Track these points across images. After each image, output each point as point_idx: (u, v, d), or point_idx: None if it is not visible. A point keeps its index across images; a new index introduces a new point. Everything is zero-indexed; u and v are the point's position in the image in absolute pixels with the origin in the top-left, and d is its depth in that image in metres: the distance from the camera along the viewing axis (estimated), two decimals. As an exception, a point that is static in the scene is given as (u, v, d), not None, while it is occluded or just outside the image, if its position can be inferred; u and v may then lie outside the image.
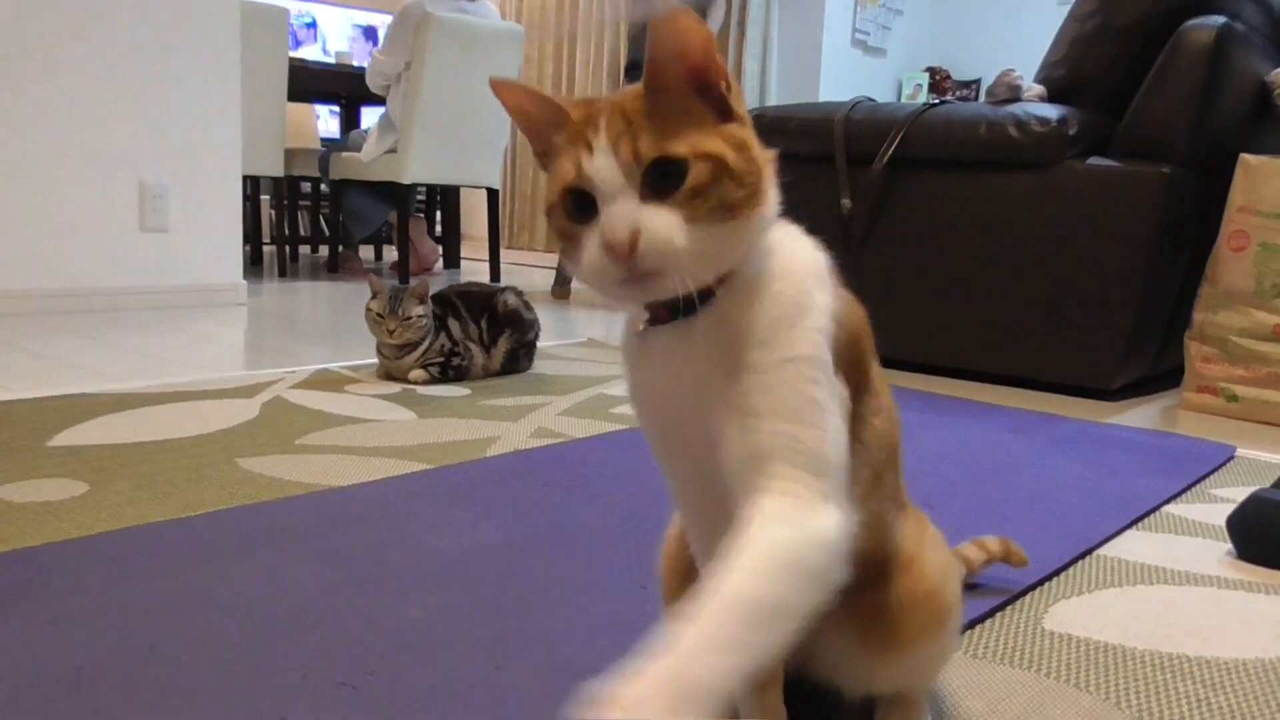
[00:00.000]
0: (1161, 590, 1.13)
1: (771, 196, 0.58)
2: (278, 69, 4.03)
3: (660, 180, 0.53)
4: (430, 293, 2.14)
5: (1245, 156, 2.19)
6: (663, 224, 0.53)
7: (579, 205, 0.55)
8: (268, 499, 1.29)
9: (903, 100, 5.91)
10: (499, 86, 0.58)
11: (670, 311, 0.59)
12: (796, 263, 0.60)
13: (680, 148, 0.54)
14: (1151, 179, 2.18)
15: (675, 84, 0.55)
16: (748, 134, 0.57)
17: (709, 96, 0.56)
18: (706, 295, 0.57)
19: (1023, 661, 0.92)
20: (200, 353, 2.36)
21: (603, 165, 0.54)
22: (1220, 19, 2.22)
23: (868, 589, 0.67)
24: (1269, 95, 2.42)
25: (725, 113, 0.56)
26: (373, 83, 4.12)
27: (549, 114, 0.58)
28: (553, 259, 4.45)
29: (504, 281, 3.99)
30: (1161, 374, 2.55)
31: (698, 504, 0.66)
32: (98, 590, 0.99)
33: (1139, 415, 2.17)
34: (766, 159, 0.58)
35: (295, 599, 0.99)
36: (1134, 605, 1.08)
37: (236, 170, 3.26)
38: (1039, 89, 2.47)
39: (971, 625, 1.00)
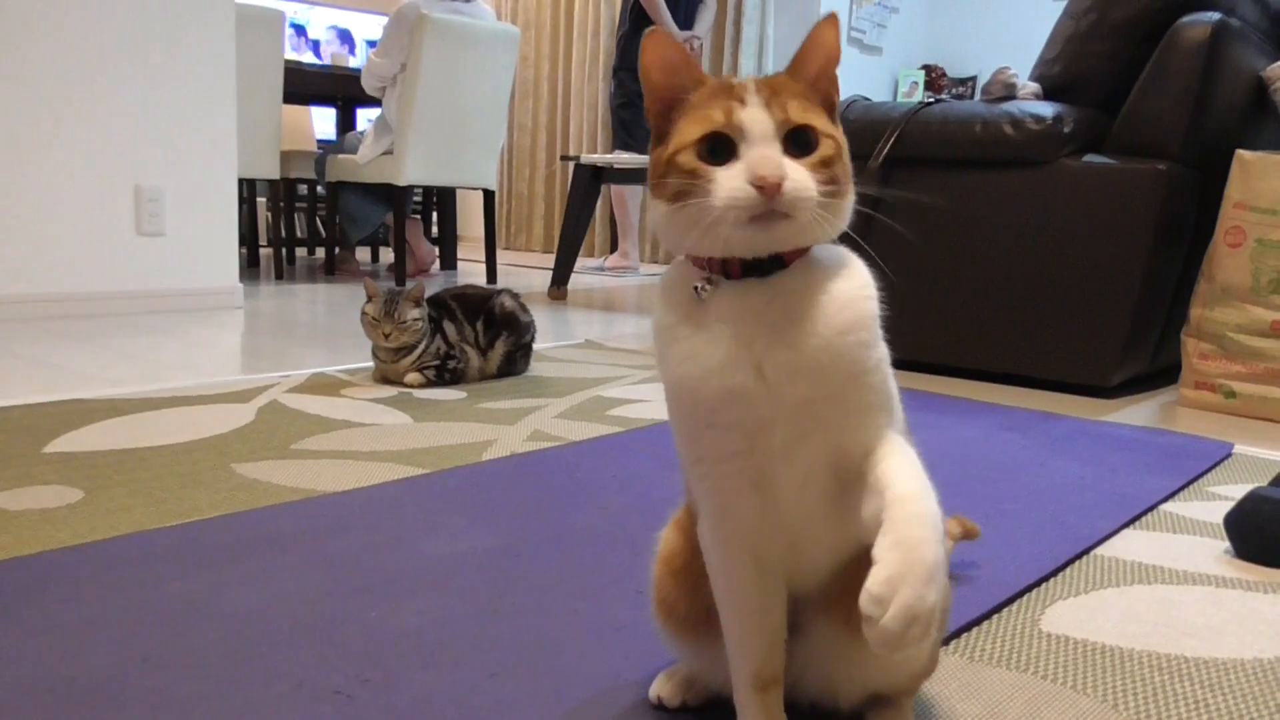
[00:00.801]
0: (1159, 590, 1.12)
1: (852, 190, 0.65)
2: (273, 71, 4.02)
3: (796, 143, 0.61)
4: (426, 295, 2.14)
5: (1241, 152, 2.19)
6: (803, 176, 0.60)
7: (714, 149, 0.61)
8: (263, 505, 1.29)
9: (898, 98, 5.91)
10: (652, 35, 0.63)
11: (743, 269, 0.63)
12: (852, 261, 0.67)
13: (817, 122, 0.62)
14: (1147, 176, 2.18)
15: (814, 78, 0.64)
16: (843, 139, 0.65)
17: (825, 100, 0.65)
18: (778, 263, 0.63)
19: (1020, 664, 0.92)
20: (196, 357, 2.36)
21: (757, 116, 0.61)
22: (1215, 15, 2.22)
23: (866, 568, 0.68)
24: (1265, 91, 2.41)
25: (831, 117, 0.65)
26: (368, 85, 4.12)
27: (690, 73, 0.64)
28: (548, 260, 4.44)
29: (500, 283, 3.99)
30: (1158, 371, 2.55)
31: (745, 484, 0.65)
32: (92, 599, 0.98)
33: (1136, 412, 2.17)
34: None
35: (290, 606, 0.98)
36: (1131, 605, 1.08)
37: (232, 173, 3.25)
38: (1034, 87, 2.47)
39: (968, 627, 0.99)
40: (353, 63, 5.94)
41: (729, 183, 0.60)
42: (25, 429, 1.61)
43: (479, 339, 2.21)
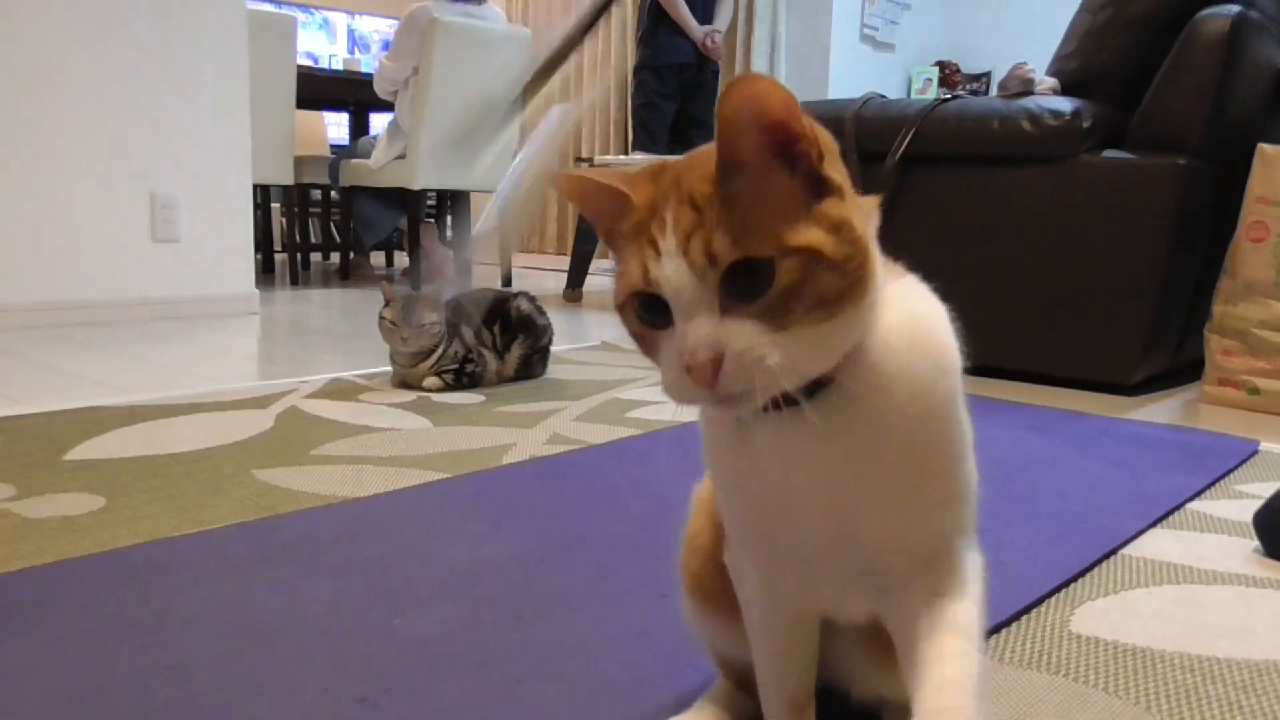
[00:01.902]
0: (1189, 590, 1.11)
1: (877, 270, 0.50)
2: (286, 77, 4.04)
3: (743, 283, 0.46)
4: (443, 299, 2.14)
5: (1263, 146, 2.16)
6: (747, 342, 0.46)
7: (650, 308, 0.49)
8: (284, 511, 1.28)
9: (912, 95, 5.89)
10: (560, 179, 0.52)
11: (775, 401, 0.49)
12: (920, 325, 0.55)
13: (763, 246, 0.46)
14: (1168, 171, 2.15)
15: (754, 158, 0.47)
16: (848, 207, 0.48)
17: (797, 168, 0.48)
18: (823, 381, 0.51)
19: (1050, 666, 0.91)
20: (214, 363, 2.37)
21: (672, 271, 0.46)
22: (1235, 7, 2.19)
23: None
24: (1285, 84, 2.39)
25: (819, 185, 0.48)
26: (380, 89, 4.13)
27: (610, 201, 0.51)
28: (564, 262, 4.43)
29: (516, 286, 3.99)
30: (1181, 368, 2.53)
31: (793, 569, 0.60)
32: (115, 607, 0.98)
33: (1159, 410, 2.15)
34: (868, 224, 0.50)
35: (313, 613, 0.98)
36: (1161, 606, 1.06)
37: (247, 179, 3.26)
38: (1052, 82, 2.45)
39: (997, 629, 0.98)
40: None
41: (668, 365, 0.48)
42: (45, 437, 1.61)
43: (496, 342, 2.21)
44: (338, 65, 5.93)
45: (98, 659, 0.87)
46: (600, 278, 4.87)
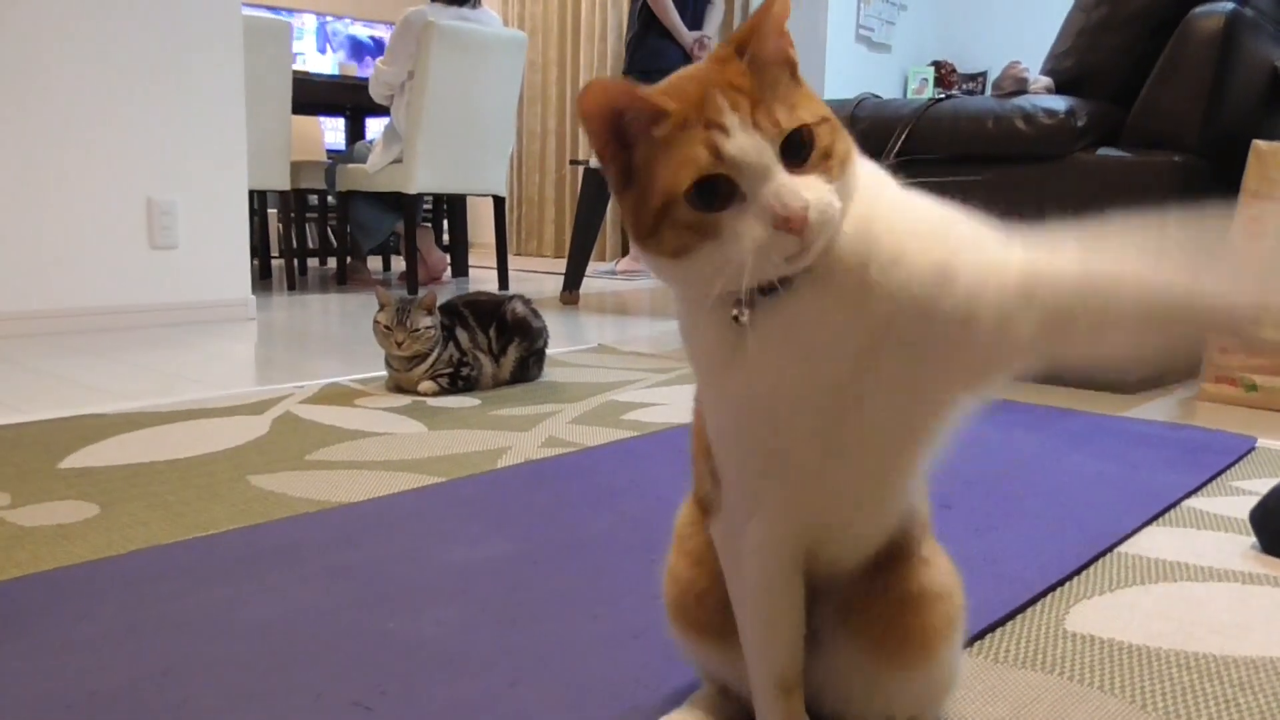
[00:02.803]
0: (1185, 587, 1.11)
1: None
2: (282, 82, 4.04)
3: (790, 149, 0.54)
4: (438, 303, 2.14)
5: (1258, 143, 2.16)
6: (822, 191, 0.54)
7: (708, 193, 0.53)
8: (279, 517, 1.28)
9: (908, 95, 5.89)
10: (590, 88, 0.54)
11: (764, 288, 0.56)
12: (873, 183, 0.60)
13: (806, 114, 0.54)
14: (1163, 168, 2.16)
15: (773, 57, 0.56)
16: (820, 102, 0.57)
17: (790, 66, 0.57)
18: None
19: (1045, 665, 0.91)
20: (211, 369, 2.37)
21: (748, 143, 0.53)
22: (1229, 5, 2.19)
23: (890, 570, 0.69)
24: (1280, 80, 2.39)
25: (796, 79, 0.57)
26: (376, 93, 4.13)
27: (642, 104, 0.55)
28: (560, 265, 4.43)
29: (512, 289, 3.98)
30: (1178, 365, 2.52)
31: (816, 499, 0.63)
32: (110, 614, 0.98)
33: (1156, 407, 2.15)
34: None
35: (308, 618, 0.98)
36: (1157, 604, 1.06)
37: (243, 185, 3.26)
38: (1046, 81, 2.45)
39: (992, 628, 0.98)
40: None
41: (749, 232, 0.53)
42: (41, 444, 1.61)
43: (491, 345, 2.21)
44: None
45: (93, 665, 0.87)
46: (597, 281, 4.87)
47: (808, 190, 0.53)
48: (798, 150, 0.54)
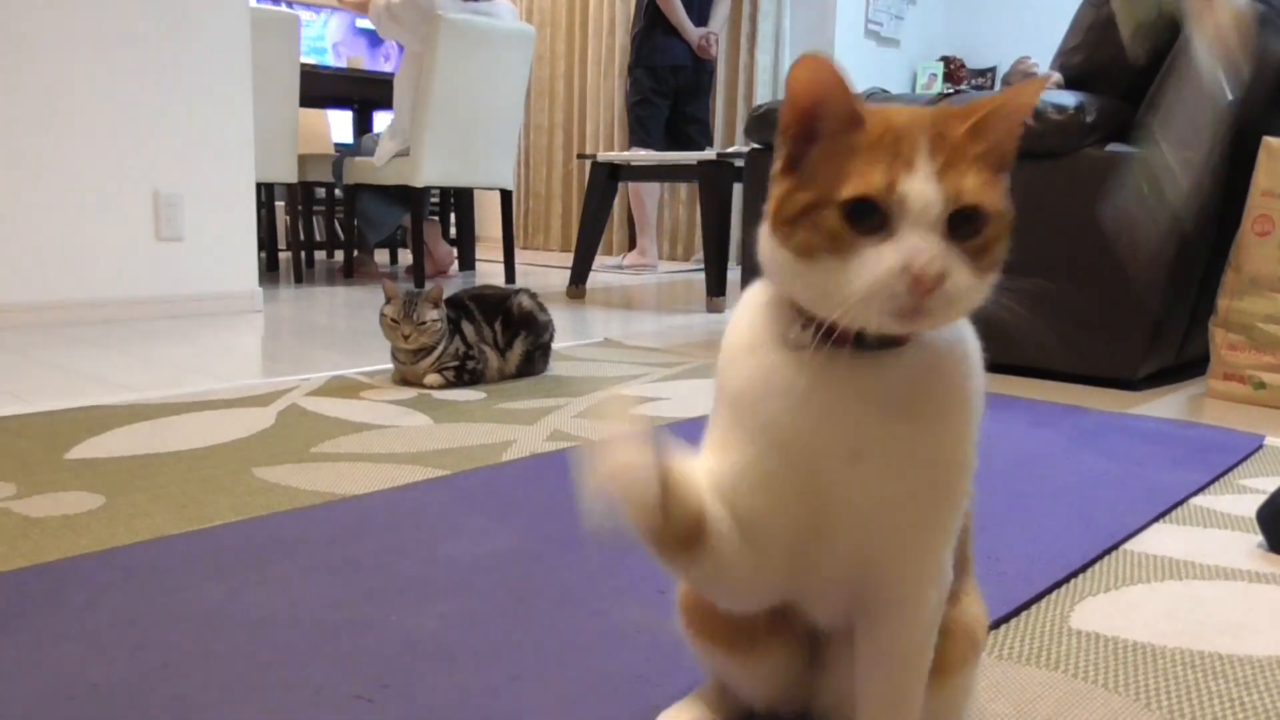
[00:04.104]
0: (1191, 586, 1.10)
1: None
2: (289, 75, 4.04)
3: (959, 222, 0.52)
4: (445, 296, 2.14)
5: (1268, 139, 2.15)
6: (966, 276, 0.53)
7: (863, 214, 0.52)
8: (283, 509, 1.28)
9: (917, 91, 5.87)
10: (809, 62, 0.53)
11: (856, 340, 0.56)
12: (972, 342, 0.61)
13: (991, 201, 0.53)
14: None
15: (998, 138, 0.55)
16: (1011, 213, 0.56)
17: (1002, 163, 0.56)
18: (898, 340, 0.57)
19: (1050, 662, 0.91)
20: (217, 361, 2.37)
21: (924, 190, 0.51)
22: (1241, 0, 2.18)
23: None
24: (1291, 76, 2.37)
25: (1002, 171, 0.56)
26: (383, 28, 4.10)
27: (848, 105, 0.54)
28: (567, 259, 4.43)
29: (519, 283, 3.98)
30: (1186, 363, 2.51)
31: (797, 548, 0.61)
32: (114, 605, 0.98)
33: (1164, 405, 2.14)
34: None
35: (310, 610, 0.98)
36: (1163, 602, 1.06)
37: (250, 177, 3.26)
38: (1056, 76, 2.44)
39: (997, 625, 0.98)
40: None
41: (876, 267, 0.51)
42: (47, 435, 1.61)
43: (497, 339, 2.21)
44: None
45: (94, 656, 0.87)
46: (604, 275, 4.87)
47: (957, 268, 0.52)
48: (964, 226, 0.52)
